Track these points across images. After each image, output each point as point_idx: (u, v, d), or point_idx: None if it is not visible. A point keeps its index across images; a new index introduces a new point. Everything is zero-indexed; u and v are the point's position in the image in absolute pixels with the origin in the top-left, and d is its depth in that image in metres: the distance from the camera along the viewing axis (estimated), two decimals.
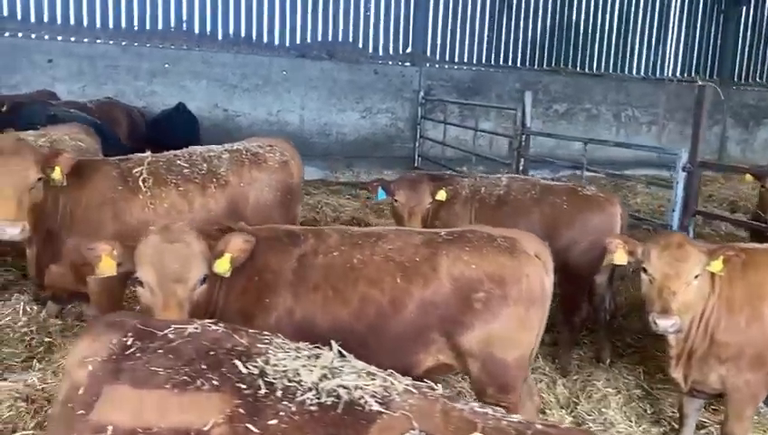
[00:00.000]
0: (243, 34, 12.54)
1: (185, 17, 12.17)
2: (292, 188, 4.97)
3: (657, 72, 15.52)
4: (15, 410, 3.77)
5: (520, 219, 5.08)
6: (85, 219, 4.14)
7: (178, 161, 4.56)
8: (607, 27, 14.87)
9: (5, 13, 11.12)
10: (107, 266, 2.93)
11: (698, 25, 15.57)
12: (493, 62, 14.15)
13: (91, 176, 4.19)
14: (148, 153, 4.61)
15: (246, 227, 3.38)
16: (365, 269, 3.27)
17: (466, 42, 13.97)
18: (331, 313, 3.22)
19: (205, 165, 4.61)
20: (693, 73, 15.71)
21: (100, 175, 4.23)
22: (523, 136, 8.85)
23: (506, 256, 3.34)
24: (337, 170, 12.17)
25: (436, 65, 13.74)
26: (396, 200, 5.31)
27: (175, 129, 9.92)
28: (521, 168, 8.80)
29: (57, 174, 3.89)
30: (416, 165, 12.92)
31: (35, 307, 5.08)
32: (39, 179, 3.83)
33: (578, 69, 14.80)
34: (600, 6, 14.74)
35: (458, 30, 13.84)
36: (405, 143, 13.18)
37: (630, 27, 15.12)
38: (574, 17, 14.64)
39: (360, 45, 13.22)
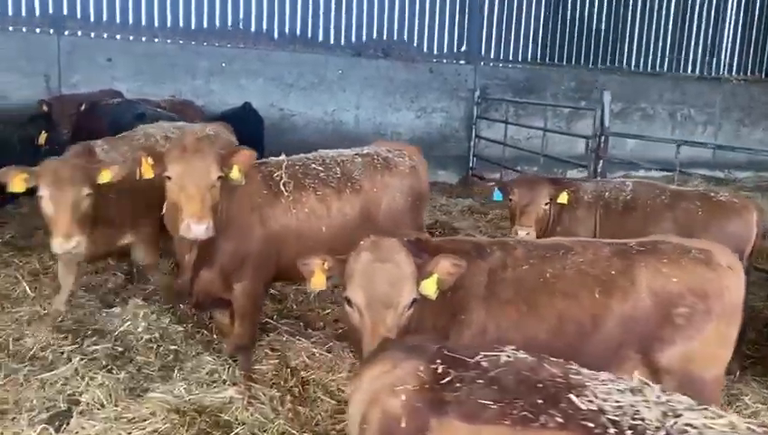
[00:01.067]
0: (299, 33, 12.40)
1: (241, 16, 12.07)
2: (421, 194, 4.83)
3: (713, 72, 15.22)
4: (170, 422, 3.66)
5: (650, 226, 4.88)
6: (237, 225, 4.01)
7: (313, 165, 4.44)
8: (662, 25, 14.58)
9: (65, 12, 11.05)
10: (319, 280, 2.78)
11: (755, 24, 15.25)
12: (548, 61, 13.92)
13: None
14: (283, 156, 4.48)
15: (431, 238, 3.23)
16: (559, 283, 3.10)
17: (521, 40, 13.74)
18: (524, 330, 3.06)
19: (338, 169, 4.47)
20: (749, 73, 15.41)
21: (248, 179, 4.09)
22: (602, 137, 8.64)
23: (705, 268, 3.16)
24: None
25: (491, 64, 13.54)
26: (511, 199, 5.21)
27: (241, 128, 9.76)
28: (599, 169, 8.60)
29: (235, 173, 3.74)
30: (470, 165, 12.76)
31: (153, 313, 4.98)
32: (219, 178, 3.69)
33: (632, 68, 14.54)
34: (656, 5, 14.45)
35: (513, 28, 13.62)
36: (460, 143, 13.00)
37: (686, 26, 14.83)
38: (630, 16, 14.37)
39: (416, 44, 13.04)
